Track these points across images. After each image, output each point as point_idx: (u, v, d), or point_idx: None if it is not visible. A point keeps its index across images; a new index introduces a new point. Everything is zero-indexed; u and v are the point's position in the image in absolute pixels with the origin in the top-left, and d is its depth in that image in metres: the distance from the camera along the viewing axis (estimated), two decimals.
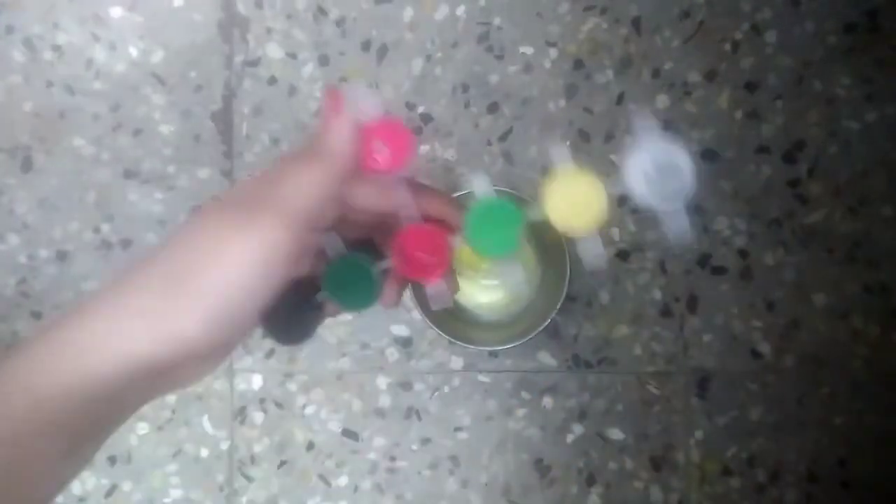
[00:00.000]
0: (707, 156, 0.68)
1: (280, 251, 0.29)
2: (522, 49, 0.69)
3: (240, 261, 0.29)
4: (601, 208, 0.32)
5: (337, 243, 0.33)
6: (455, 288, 0.35)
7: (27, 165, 0.70)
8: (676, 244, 0.56)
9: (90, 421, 0.29)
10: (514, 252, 0.33)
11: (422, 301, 0.62)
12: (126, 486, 0.69)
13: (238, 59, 0.70)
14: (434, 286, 0.34)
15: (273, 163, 0.32)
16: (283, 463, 0.69)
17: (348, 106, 0.32)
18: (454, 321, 0.66)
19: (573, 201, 0.32)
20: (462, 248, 0.70)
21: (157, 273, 0.29)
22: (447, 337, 0.62)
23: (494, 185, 0.65)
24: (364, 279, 0.34)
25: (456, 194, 0.62)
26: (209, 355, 0.30)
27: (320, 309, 0.35)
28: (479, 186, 0.33)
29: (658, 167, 0.31)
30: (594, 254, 0.33)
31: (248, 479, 0.69)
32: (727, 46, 0.68)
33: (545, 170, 0.31)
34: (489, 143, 0.68)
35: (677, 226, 0.32)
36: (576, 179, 0.32)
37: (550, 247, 0.64)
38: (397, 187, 0.33)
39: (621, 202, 0.68)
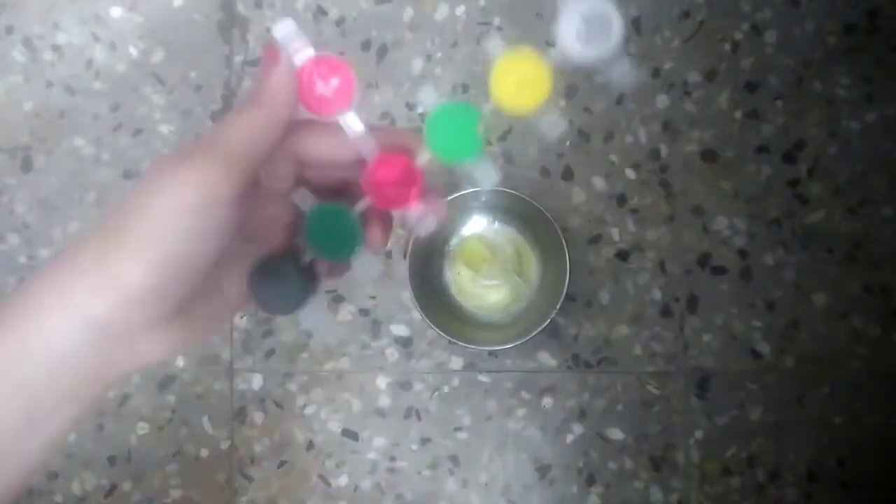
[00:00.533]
0: (707, 156, 0.68)
1: (217, 192, 0.29)
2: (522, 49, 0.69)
3: (176, 203, 0.28)
4: (546, 79, 0.32)
5: (307, 197, 0.33)
6: (439, 208, 0.34)
7: (27, 165, 0.70)
8: (625, 89, 0.53)
9: (46, 387, 0.28)
10: (478, 152, 0.33)
11: (422, 301, 0.62)
12: (126, 486, 0.69)
13: (238, 59, 0.70)
14: (416, 211, 0.33)
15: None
16: (283, 463, 0.69)
17: (283, 53, 0.31)
18: (454, 321, 0.66)
19: (518, 81, 0.33)
20: (463, 249, 0.70)
21: (100, 227, 0.29)
22: (447, 337, 0.62)
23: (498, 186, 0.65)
24: (344, 224, 0.33)
25: (454, 195, 0.62)
26: (162, 317, 0.29)
27: (310, 272, 0.34)
28: (425, 97, 0.33)
29: (586, 21, 0.32)
30: (552, 122, 0.34)
31: (248, 479, 0.69)
32: (727, 46, 0.68)
33: (487, 65, 0.32)
34: (489, 143, 0.68)
35: (620, 71, 0.32)
36: (515, 61, 0.33)
37: (550, 247, 0.64)
38: (349, 125, 0.32)
39: (620, 202, 0.68)
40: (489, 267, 0.67)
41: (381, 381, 0.69)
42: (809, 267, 0.68)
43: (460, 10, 0.69)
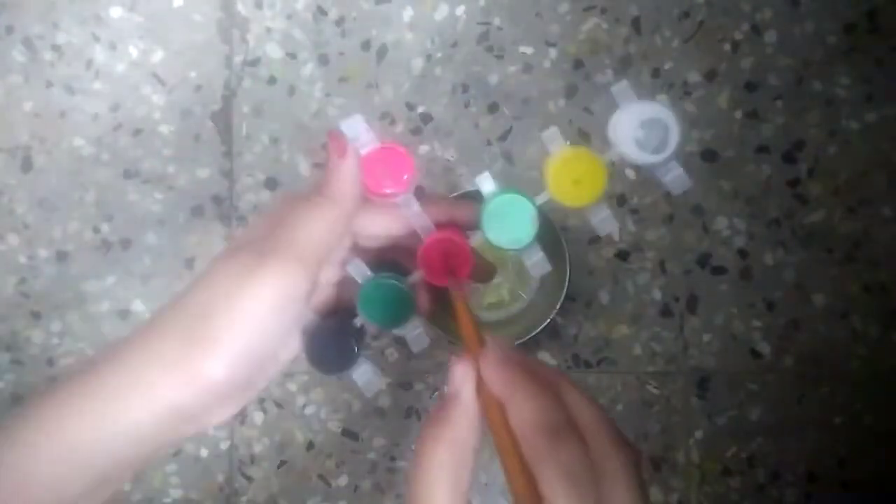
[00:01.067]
0: (707, 156, 0.68)
1: (294, 293, 0.31)
2: (522, 49, 0.69)
3: (257, 305, 0.31)
4: (602, 178, 0.34)
5: (362, 269, 0.35)
6: (485, 277, 0.38)
7: (27, 165, 0.70)
8: (677, 194, 0.55)
9: (114, 463, 0.30)
10: (531, 241, 0.35)
11: None
12: (126, 485, 0.69)
13: (238, 59, 0.69)
14: (460, 284, 0.36)
15: (279, 203, 0.34)
16: (282, 463, 0.69)
17: (350, 145, 0.33)
18: (454, 321, 0.66)
19: (574, 178, 0.34)
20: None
21: (180, 319, 0.31)
22: (447, 337, 0.62)
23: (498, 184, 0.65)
24: (398, 297, 0.35)
25: (455, 194, 0.62)
26: (232, 396, 0.32)
27: (360, 333, 0.36)
28: (485, 186, 0.35)
29: (644, 126, 0.33)
30: (604, 220, 0.35)
31: (248, 479, 0.69)
32: (727, 46, 0.68)
33: (543, 154, 0.33)
34: (489, 143, 0.68)
35: (674, 177, 0.34)
36: (572, 157, 0.34)
37: (550, 247, 0.64)
38: (407, 206, 0.35)
39: (620, 202, 0.68)
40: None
41: (382, 382, 0.69)
42: (809, 267, 0.68)
43: (460, 10, 0.68)
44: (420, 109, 0.69)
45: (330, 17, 0.69)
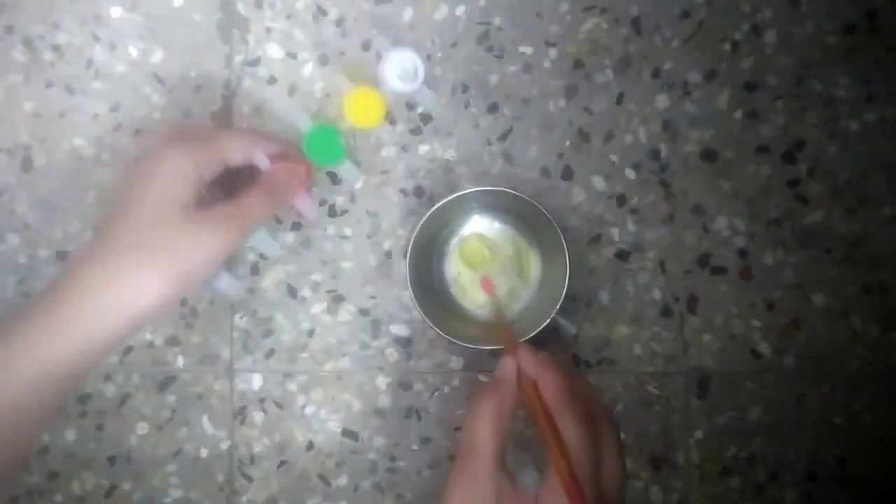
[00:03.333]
0: (707, 156, 0.68)
1: (179, 167, 0.50)
2: (522, 49, 0.69)
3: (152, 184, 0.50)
4: (381, 105, 0.60)
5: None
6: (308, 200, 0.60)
7: (27, 165, 0.70)
8: (430, 109, 0.67)
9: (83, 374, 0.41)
10: (343, 158, 0.59)
11: (422, 301, 0.62)
12: (126, 486, 0.69)
13: (238, 59, 0.69)
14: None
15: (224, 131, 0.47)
16: (283, 463, 0.69)
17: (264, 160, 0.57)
18: (454, 321, 0.66)
19: (364, 108, 0.59)
20: (463, 248, 0.71)
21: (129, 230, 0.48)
22: (447, 337, 0.62)
23: (492, 185, 0.65)
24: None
25: (455, 195, 0.62)
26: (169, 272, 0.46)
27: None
28: (301, 123, 0.59)
29: (402, 66, 0.59)
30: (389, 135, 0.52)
31: (248, 479, 0.69)
32: (727, 46, 0.68)
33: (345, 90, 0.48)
34: (489, 143, 0.68)
35: (425, 97, 0.63)
36: (360, 94, 0.59)
37: (550, 247, 0.64)
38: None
39: (620, 202, 0.68)
40: (489, 267, 0.67)
41: (381, 381, 0.69)
42: (809, 267, 0.68)
43: (460, 10, 0.68)
44: (420, 109, 0.69)
45: (330, 17, 0.69)
